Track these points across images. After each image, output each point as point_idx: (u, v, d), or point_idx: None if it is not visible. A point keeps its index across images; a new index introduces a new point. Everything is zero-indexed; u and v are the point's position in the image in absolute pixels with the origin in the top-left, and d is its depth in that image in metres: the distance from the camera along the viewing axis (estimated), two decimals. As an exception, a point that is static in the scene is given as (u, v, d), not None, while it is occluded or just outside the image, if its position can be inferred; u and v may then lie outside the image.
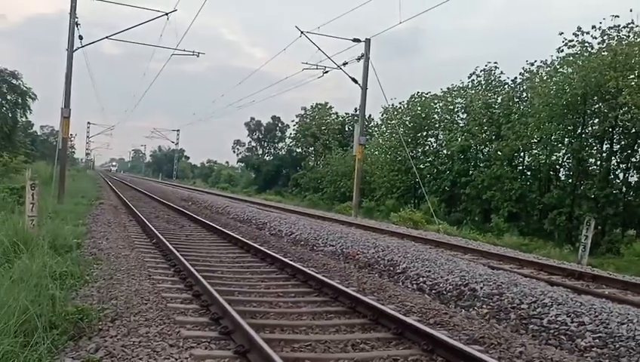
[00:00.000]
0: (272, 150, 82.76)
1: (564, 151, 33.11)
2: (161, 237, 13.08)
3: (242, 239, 13.89)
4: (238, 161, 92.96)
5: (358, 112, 53.84)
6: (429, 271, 10.47)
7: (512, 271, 11.49)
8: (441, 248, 15.83)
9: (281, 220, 19.72)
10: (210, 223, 17.65)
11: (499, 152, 35.55)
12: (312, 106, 68.08)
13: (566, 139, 32.54)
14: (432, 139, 44.09)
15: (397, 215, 28.32)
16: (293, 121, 71.49)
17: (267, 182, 71.20)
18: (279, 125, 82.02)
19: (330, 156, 55.91)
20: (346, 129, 62.94)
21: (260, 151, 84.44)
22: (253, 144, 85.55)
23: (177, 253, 10.60)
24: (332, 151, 56.93)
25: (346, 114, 65.14)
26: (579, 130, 31.68)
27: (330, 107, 66.84)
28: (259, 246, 12.64)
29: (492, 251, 15.68)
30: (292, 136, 72.22)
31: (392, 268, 11.29)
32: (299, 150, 70.23)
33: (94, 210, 21.12)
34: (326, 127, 63.99)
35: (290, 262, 10.53)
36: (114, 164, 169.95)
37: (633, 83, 27.28)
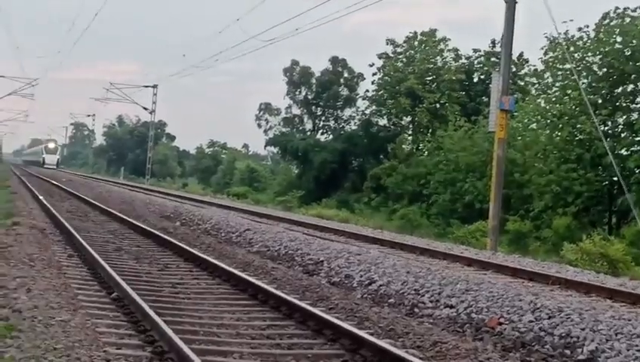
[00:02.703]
0: (333, 122, 53.46)
1: None
2: (126, 287, 9.12)
3: (276, 293, 9.59)
4: (267, 145, 58.21)
5: (499, 48, 34.38)
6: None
7: None
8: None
9: (351, 256, 14.31)
10: (216, 261, 12.70)
11: None
12: (408, 37, 43.70)
13: None
14: (647, 99, 30.82)
15: (575, 247, 21.58)
16: (372, 65, 45.43)
17: (322, 184, 46.15)
18: (344, 75, 51.96)
19: (445, 133, 37.54)
20: (475, 80, 41.87)
21: (310, 125, 54.03)
22: (296, 111, 54.17)
23: (158, 319, 7.21)
24: (447, 123, 38.41)
25: (475, 52, 42.43)
26: None
27: (444, 38, 43.59)
28: (309, 308, 8.60)
29: None
30: (371, 96, 46.62)
31: (569, 352, 7.88)
32: (383, 122, 45.67)
33: (2, 237, 15.50)
34: (435, 78, 42.05)
35: (370, 338, 7.01)
36: (51, 146, 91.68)
37: None
